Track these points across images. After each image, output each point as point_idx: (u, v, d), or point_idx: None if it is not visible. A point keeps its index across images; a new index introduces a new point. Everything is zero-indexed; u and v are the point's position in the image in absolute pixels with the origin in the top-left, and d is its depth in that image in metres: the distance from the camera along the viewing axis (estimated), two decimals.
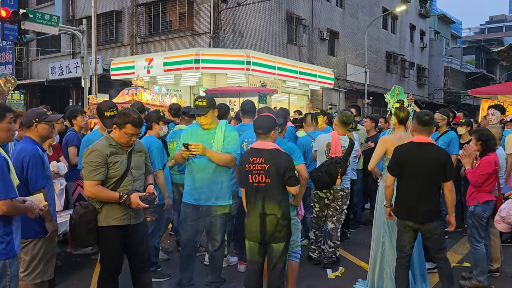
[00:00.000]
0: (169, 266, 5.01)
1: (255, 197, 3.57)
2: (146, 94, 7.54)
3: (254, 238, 3.63)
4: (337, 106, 24.78)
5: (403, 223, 3.89)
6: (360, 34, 26.43)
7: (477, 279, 4.44)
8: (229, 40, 18.30)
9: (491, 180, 4.38)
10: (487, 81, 43.40)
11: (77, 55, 21.10)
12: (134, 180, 3.45)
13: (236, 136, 4.11)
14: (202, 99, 3.94)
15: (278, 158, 3.53)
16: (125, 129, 3.34)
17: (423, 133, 3.82)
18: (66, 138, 5.30)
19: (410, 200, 3.81)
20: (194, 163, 4.01)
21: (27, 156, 3.33)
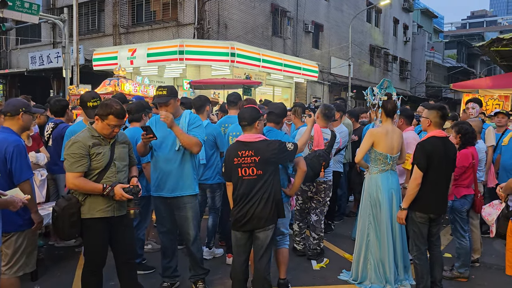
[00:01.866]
0: (154, 258, 4.98)
1: (245, 189, 3.55)
2: (129, 85, 7.44)
3: (242, 228, 3.62)
4: (321, 98, 24.91)
5: (427, 216, 3.93)
6: (345, 27, 26.53)
7: (458, 270, 4.54)
8: (214, 32, 18.17)
9: (468, 174, 4.45)
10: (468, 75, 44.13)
11: (58, 45, 20.71)
12: (118, 171, 3.41)
13: (201, 124, 4.06)
14: (162, 88, 3.90)
15: (267, 149, 3.53)
16: (108, 120, 3.29)
17: (441, 127, 3.96)
18: (61, 130, 5.04)
19: (439, 194, 3.91)
20: (158, 155, 3.96)
21: (10, 146, 3.22)
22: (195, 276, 4.19)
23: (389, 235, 4.33)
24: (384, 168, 4.37)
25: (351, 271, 4.56)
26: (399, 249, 4.40)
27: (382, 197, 4.34)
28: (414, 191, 3.87)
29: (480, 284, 4.52)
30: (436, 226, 4.09)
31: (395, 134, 4.38)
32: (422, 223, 3.95)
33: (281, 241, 4.15)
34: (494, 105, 11.07)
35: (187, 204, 4.00)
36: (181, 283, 4.31)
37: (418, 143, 4.00)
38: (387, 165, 4.36)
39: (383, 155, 4.32)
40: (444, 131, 4.03)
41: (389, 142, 4.32)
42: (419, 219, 3.95)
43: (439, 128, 3.99)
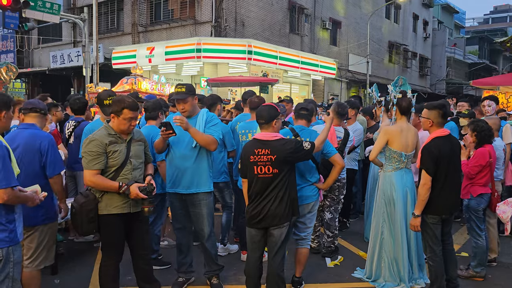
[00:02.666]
0: (170, 254, 5.06)
1: (261, 187, 3.57)
2: (145, 83, 7.54)
3: (256, 225, 3.65)
4: (338, 96, 24.75)
5: (439, 217, 3.91)
6: (363, 23, 26.28)
7: (474, 270, 4.49)
8: (231, 29, 18.23)
9: (485, 173, 4.39)
10: (489, 71, 43.19)
11: (79, 44, 21.05)
12: (134, 169, 3.48)
13: (218, 123, 4.11)
14: (181, 85, 3.96)
15: (283, 148, 3.54)
16: (123, 115, 3.37)
17: (442, 126, 3.94)
18: (80, 128, 5.15)
19: (451, 194, 3.88)
20: (174, 152, 4.02)
21: (45, 141, 3.42)
22: (209, 272, 4.25)
23: (403, 234, 4.31)
24: (399, 166, 4.35)
25: (365, 269, 4.55)
26: (413, 247, 4.38)
27: (396, 195, 4.32)
28: (425, 197, 3.81)
29: (496, 284, 4.47)
30: (448, 225, 4.07)
31: (410, 132, 4.35)
32: (434, 224, 3.92)
33: (304, 240, 4.17)
34: None
35: (202, 201, 4.05)
36: (196, 279, 4.38)
37: (423, 147, 3.90)
38: (401, 163, 4.34)
39: (398, 153, 4.30)
40: (446, 129, 3.97)
41: (404, 140, 4.29)
42: (431, 220, 3.91)
43: (441, 127, 3.93)
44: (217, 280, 4.24)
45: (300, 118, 4.17)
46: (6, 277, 2.94)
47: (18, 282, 3.07)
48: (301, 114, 4.16)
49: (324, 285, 4.42)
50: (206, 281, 4.28)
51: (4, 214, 2.93)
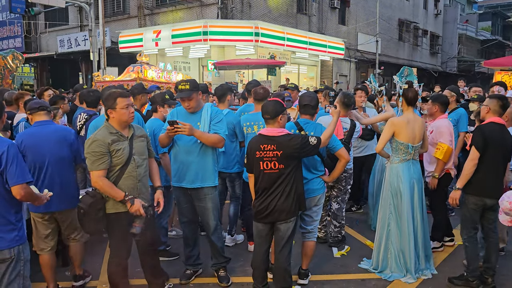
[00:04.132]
0: (178, 244, 5.10)
1: (267, 183, 3.58)
2: (151, 72, 7.49)
3: (264, 220, 3.67)
4: (348, 76, 24.49)
5: (481, 201, 3.97)
6: (372, 1, 25.78)
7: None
8: (237, 11, 18.00)
9: None
10: (503, 48, 42.30)
11: (85, 28, 20.99)
12: (138, 166, 3.46)
13: (223, 119, 4.08)
14: (184, 82, 3.91)
15: (289, 144, 3.54)
16: (119, 105, 3.34)
17: (500, 115, 3.99)
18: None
19: (495, 178, 3.97)
20: (179, 146, 4.00)
21: (71, 133, 3.93)
22: (217, 264, 4.29)
23: (410, 225, 4.30)
24: (406, 157, 4.31)
25: (372, 260, 4.56)
26: (420, 238, 4.37)
27: (403, 187, 4.29)
28: (470, 171, 3.92)
29: (504, 274, 4.46)
30: (494, 213, 4.07)
31: (417, 123, 4.30)
32: (474, 209, 4.01)
33: (310, 234, 4.18)
34: None
35: (207, 196, 4.07)
36: (204, 270, 4.43)
37: (477, 126, 4.04)
38: (408, 154, 4.30)
39: (405, 144, 4.26)
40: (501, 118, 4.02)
41: (411, 132, 4.25)
42: (472, 205, 4.00)
43: (498, 116, 3.99)
44: (224, 272, 4.28)
45: (305, 113, 4.13)
46: (17, 275, 3.00)
47: (28, 279, 3.13)
48: (305, 110, 4.12)
49: (330, 276, 4.44)
50: (214, 273, 4.32)
51: (14, 212, 2.99)
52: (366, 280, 4.34)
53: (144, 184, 3.53)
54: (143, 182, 3.53)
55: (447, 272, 4.44)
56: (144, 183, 3.55)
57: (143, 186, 3.52)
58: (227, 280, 4.21)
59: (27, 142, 3.71)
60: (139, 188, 3.48)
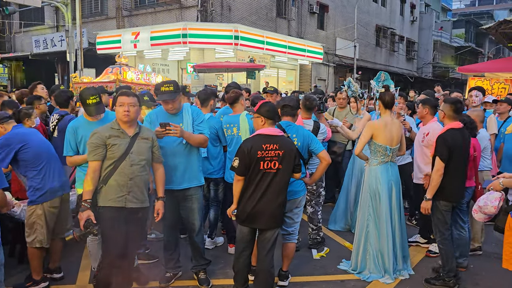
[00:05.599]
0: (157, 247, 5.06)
1: (260, 184, 3.54)
2: (131, 73, 7.41)
3: (252, 224, 3.64)
4: (326, 81, 24.74)
5: (450, 204, 4.15)
6: (350, 7, 26.16)
7: (457, 261, 4.58)
8: (217, 14, 18.00)
9: (470, 166, 4.43)
10: (475, 55, 43.48)
11: (62, 28, 20.64)
12: (132, 164, 3.44)
13: (204, 118, 4.11)
14: (168, 84, 3.89)
15: (290, 145, 3.61)
16: (118, 102, 3.46)
17: (457, 119, 4.13)
18: (68, 122, 5.09)
19: (460, 182, 4.16)
20: (164, 148, 3.96)
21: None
22: (197, 266, 4.27)
23: (388, 226, 4.38)
24: (384, 160, 4.40)
25: (351, 261, 4.62)
26: (398, 239, 4.45)
27: (381, 188, 4.37)
28: (437, 182, 4.03)
29: (477, 274, 4.58)
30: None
31: (394, 126, 4.39)
32: (446, 211, 4.16)
33: (291, 235, 4.20)
34: (500, 89, 10.97)
35: (194, 196, 4.08)
36: (183, 273, 4.39)
37: (439, 136, 4.10)
38: (386, 156, 4.39)
39: (383, 147, 4.34)
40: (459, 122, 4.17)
41: (389, 134, 4.34)
42: (443, 207, 4.14)
43: (454, 120, 4.13)
44: (205, 274, 4.26)
45: (285, 115, 4.16)
46: None
47: (2, 284, 3.07)
48: (285, 112, 4.15)
49: (310, 277, 4.47)
50: (193, 276, 4.30)
51: None
52: (345, 281, 4.39)
53: (136, 184, 3.47)
54: (136, 182, 3.47)
55: (423, 273, 4.54)
56: (137, 183, 3.48)
57: (135, 186, 3.46)
58: (208, 283, 4.20)
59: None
60: (130, 186, 3.44)
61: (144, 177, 3.55)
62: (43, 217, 3.96)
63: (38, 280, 4.08)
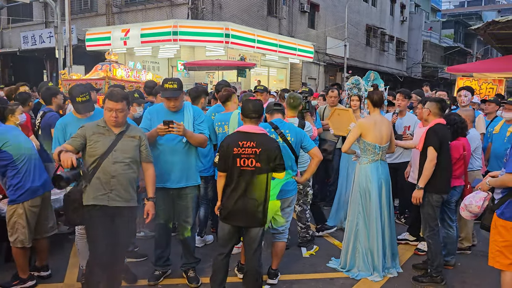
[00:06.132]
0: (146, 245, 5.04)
1: (240, 181, 3.52)
2: (121, 70, 7.35)
3: (232, 222, 3.62)
4: (316, 79, 24.81)
5: (441, 198, 4.25)
6: (341, 6, 26.25)
7: (444, 259, 4.62)
8: (208, 12, 17.95)
9: (459, 165, 4.48)
10: (464, 55, 43.90)
11: (50, 25, 20.44)
12: (115, 162, 3.39)
13: (205, 119, 4.12)
14: (172, 81, 3.89)
15: (269, 144, 3.54)
16: (105, 105, 3.40)
17: (441, 116, 4.31)
18: (48, 119, 5.08)
19: (449, 175, 4.28)
20: (162, 146, 3.97)
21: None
22: (186, 264, 4.26)
23: (378, 224, 4.41)
24: (374, 158, 4.43)
25: (340, 259, 4.64)
26: (387, 237, 4.48)
27: (372, 186, 4.40)
28: (431, 171, 4.14)
29: (464, 272, 4.63)
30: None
31: (384, 125, 4.43)
32: (437, 206, 4.26)
33: (281, 234, 4.21)
34: (488, 89, 11.07)
35: (189, 194, 4.09)
36: (173, 271, 4.38)
37: (429, 129, 4.22)
38: (376, 155, 4.42)
39: (372, 145, 4.37)
40: (443, 119, 4.30)
41: (378, 133, 4.37)
42: (435, 202, 4.22)
43: (439, 117, 4.28)
44: (194, 272, 4.25)
45: (276, 112, 4.16)
46: None
47: None
48: (276, 109, 4.15)
49: (299, 275, 4.49)
50: (183, 274, 4.29)
51: None
52: (334, 279, 4.41)
53: (120, 182, 3.42)
54: (119, 180, 3.41)
55: (412, 270, 4.57)
56: (121, 181, 3.42)
57: (118, 184, 3.41)
58: (197, 281, 4.19)
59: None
60: (113, 184, 3.39)
61: (130, 175, 3.48)
62: (24, 216, 3.88)
63: (25, 278, 4.04)
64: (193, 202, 4.14)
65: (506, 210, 3.36)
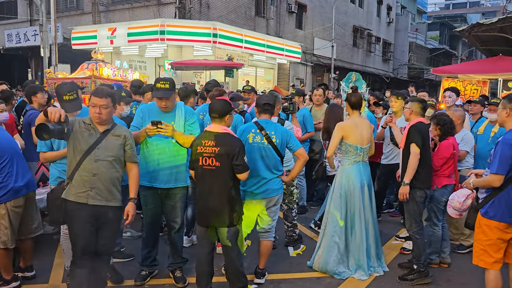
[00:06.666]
0: (133, 245, 5.01)
1: (204, 180, 3.53)
2: (107, 69, 7.29)
3: (203, 222, 3.64)
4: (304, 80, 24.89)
5: (425, 193, 4.34)
6: (328, 7, 26.38)
7: (429, 257, 4.68)
8: (196, 11, 17.89)
9: (449, 164, 4.54)
10: (449, 57, 44.50)
11: (35, 22, 20.15)
12: (97, 160, 3.34)
13: (197, 119, 4.10)
14: (164, 81, 3.86)
15: (229, 143, 3.50)
16: (90, 101, 3.36)
17: (423, 116, 4.43)
18: (28, 117, 5.04)
19: (431, 170, 4.40)
20: (152, 146, 3.95)
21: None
22: (173, 264, 4.24)
23: (362, 225, 4.43)
24: (356, 159, 4.45)
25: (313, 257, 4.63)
26: (371, 237, 4.51)
27: (354, 188, 4.42)
28: (414, 167, 4.21)
29: (450, 270, 4.68)
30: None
31: (364, 126, 4.47)
32: (421, 202, 4.33)
33: (267, 233, 4.20)
34: (472, 90, 11.24)
35: (178, 194, 4.07)
36: (159, 271, 4.35)
37: (411, 126, 4.31)
38: (358, 156, 4.44)
39: (353, 146, 4.40)
40: (424, 119, 4.42)
41: (359, 134, 4.40)
42: (419, 198, 4.29)
43: (421, 116, 4.39)
44: (181, 272, 4.23)
45: (264, 112, 4.16)
46: None
47: None
48: (265, 109, 4.15)
49: (287, 274, 4.49)
50: (169, 274, 4.26)
51: None
52: (321, 278, 4.42)
53: (101, 180, 3.36)
54: (101, 178, 3.36)
55: (398, 269, 4.61)
56: (102, 180, 3.37)
57: (99, 182, 3.35)
58: (184, 281, 4.17)
59: None
60: (93, 182, 3.33)
61: (112, 174, 3.42)
62: (7, 217, 3.80)
63: (9, 279, 3.97)
64: (182, 202, 4.13)
65: (490, 209, 3.41)
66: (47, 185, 4.91)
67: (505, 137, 3.37)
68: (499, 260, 3.42)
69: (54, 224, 4.81)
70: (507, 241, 3.39)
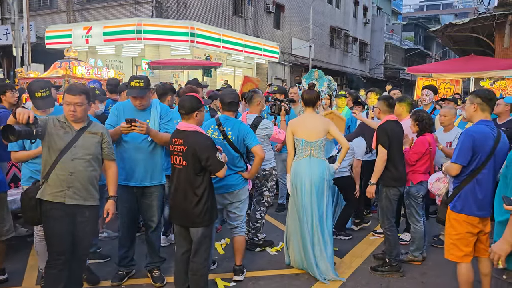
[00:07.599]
0: (109, 246, 4.94)
1: (176, 179, 3.50)
2: (81, 68, 7.16)
3: (174, 220, 3.64)
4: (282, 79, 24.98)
5: (399, 191, 4.45)
6: (306, 7, 26.55)
7: (412, 254, 4.74)
8: (173, 10, 17.76)
9: (425, 160, 4.61)
10: (424, 57, 45.34)
11: (7, 21, 19.62)
12: (74, 158, 3.28)
13: (172, 117, 4.07)
14: (139, 79, 3.82)
15: (196, 141, 3.41)
16: (64, 99, 3.29)
17: (391, 113, 4.54)
18: None
19: (404, 168, 4.48)
20: (127, 143, 3.90)
21: None
22: (151, 264, 4.20)
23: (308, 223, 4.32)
24: (303, 154, 4.35)
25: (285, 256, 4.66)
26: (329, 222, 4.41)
27: (300, 183, 4.32)
28: (381, 167, 4.35)
29: (425, 264, 4.74)
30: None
31: (316, 122, 4.37)
32: (394, 200, 4.45)
33: (237, 228, 4.21)
34: (445, 89, 11.51)
35: (154, 193, 4.03)
36: (137, 271, 4.30)
37: (379, 127, 4.43)
38: (305, 150, 4.34)
39: (299, 140, 4.34)
40: (394, 115, 4.53)
41: (306, 129, 4.32)
42: (393, 196, 4.42)
43: (389, 114, 4.49)
44: (159, 272, 4.19)
45: (227, 110, 4.17)
46: None
47: None
48: (230, 107, 4.17)
49: (265, 271, 4.49)
50: (147, 274, 4.22)
51: None
52: (299, 274, 4.44)
53: (78, 179, 3.30)
54: (78, 177, 3.29)
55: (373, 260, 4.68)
56: (79, 179, 3.30)
57: (76, 181, 3.29)
58: (162, 280, 4.13)
59: None
60: (70, 181, 3.27)
61: (90, 173, 3.36)
62: None
63: None
64: (158, 201, 4.09)
65: (457, 203, 3.44)
66: (18, 186, 4.80)
67: (469, 129, 3.46)
68: (469, 253, 3.45)
69: (29, 225, 4.71)
70: (476, 234, 3.43)
